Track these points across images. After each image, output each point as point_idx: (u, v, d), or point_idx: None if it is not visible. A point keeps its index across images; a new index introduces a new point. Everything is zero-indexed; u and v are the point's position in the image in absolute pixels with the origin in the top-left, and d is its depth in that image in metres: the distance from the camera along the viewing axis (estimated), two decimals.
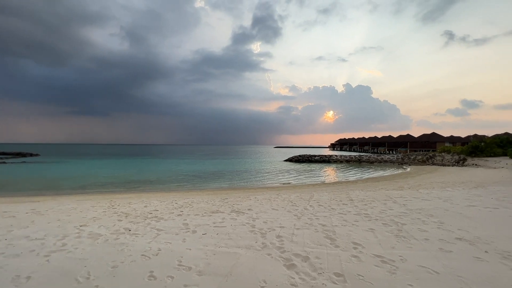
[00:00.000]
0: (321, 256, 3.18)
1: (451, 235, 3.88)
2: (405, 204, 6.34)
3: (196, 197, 9.15)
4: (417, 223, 4.60)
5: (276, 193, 9.76)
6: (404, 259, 3.05)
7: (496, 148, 32.69)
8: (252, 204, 6.92)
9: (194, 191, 12.95)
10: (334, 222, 4.77)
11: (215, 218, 5.22)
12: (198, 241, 3.84)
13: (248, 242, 3.72)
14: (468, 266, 2.87)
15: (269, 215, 5.45)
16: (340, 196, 8.05)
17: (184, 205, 6.99)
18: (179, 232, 4.30)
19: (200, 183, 16.49)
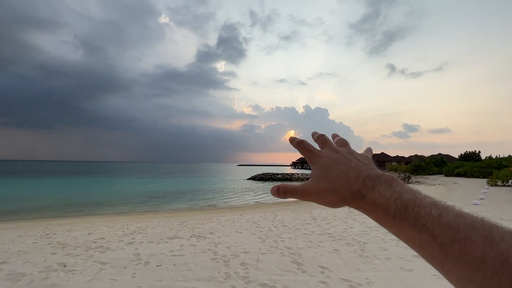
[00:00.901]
0: (288, 285, 2.98)
1: (409, 253, 4.02)
2: (364, 222, 6.56)
3: (152, 220, 8.31)
4: (377, 241, 4.72)
5: (240, 214, 9.40)
6: (370, 282, 3.01)
7: (433, 167, 37.25)
8: (214, 226, 6.48)
9: (150, 213, 11.84)
10: (299, 244, 4.64)
11: (173, 245, 4.70)
12: (151, 275, 3.33)
13: (209, 273, 3.34)
14: (428, 285, 2.93)
15: (232, 239, 5.10)
16: (303, 215, 8.06)
17: (137, 230, 6.24)
18: (129, 264, 3.72)
19: (157, 204, 15.23)
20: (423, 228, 0.22)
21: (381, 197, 0.26)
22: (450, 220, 0.21)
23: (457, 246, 0.19)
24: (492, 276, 0.17)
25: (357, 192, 0.28)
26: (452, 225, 0.20)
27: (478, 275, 0.18)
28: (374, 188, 0.27)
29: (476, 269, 0.18)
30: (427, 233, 0.22)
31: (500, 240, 0.18)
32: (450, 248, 0.20)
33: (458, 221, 0.21)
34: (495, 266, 0.17)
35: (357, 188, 0.29)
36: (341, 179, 0.30)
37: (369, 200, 0.27)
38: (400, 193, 0.26)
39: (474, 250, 0.18)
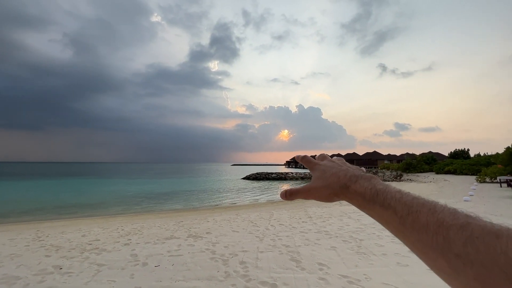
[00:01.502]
0: (288, 282, 3.00)
1: (404, 249, 4.10)
2: (359, 219, 6.65)
3: (147, 221, 8.23)
4: (373, 238, 4.80)
5: (235, 213, 9.39)
6: (368, 278, 3.06)
7: (424, 165, 37.96)
8: (211, 226, 6.47)
9: (145, 214, 11.71)
10: (297, 242, 4.68)
11: (170, 246, 4.67)
12: (150, 275, 3.31)
13: (209, 272, 3.34)
14: (424, 279, 3.00)
15: (230, 238, 5.11)
16: (299, 214, 8.11)
17: (133, 231, 6.17)
18: (126, 266, 3.68)
19: (152, 205, 15.07)
20: (389, 206, 0.30)
21: (361, 188, 0.35)
22: (407, 200, 0.29)
23: (410, 217, 0.27)
24: (433, 235, 0.23)
25: (344, 185, 0.38)
26: (408, 203, 0.28)
27: (424, 236, 0.24)
28: (356, 182, 0.36)
29: (423, 232, 0.25)
30: (391, 210, 0.29)
31: (439, 212, 0.25)
32: (406, 219, 0.27)
33: (413, 201, 0.28)
34: (434, 228, 0.24)
35: (344, 182, 0.38)
36: (332, 178, 0.40)
37: (352, 190, 0.36)
38: (375, 185, 0.34)
39: (421, 218, 0.26)
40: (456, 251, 0.21)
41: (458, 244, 0.21)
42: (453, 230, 0.22)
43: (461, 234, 0.21)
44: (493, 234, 0.20)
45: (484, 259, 0.20)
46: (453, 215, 0.24)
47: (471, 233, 0.21)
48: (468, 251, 0.20)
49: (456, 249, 0.21)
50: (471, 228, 0.21)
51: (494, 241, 0.20)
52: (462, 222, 0.22)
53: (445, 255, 0.22)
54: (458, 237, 0.21)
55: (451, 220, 0.23)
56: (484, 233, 0.20)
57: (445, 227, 0.23)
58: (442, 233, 0.23)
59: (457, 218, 0.23)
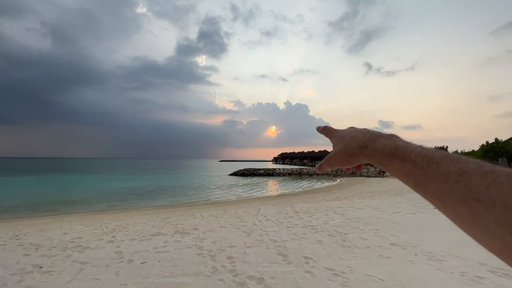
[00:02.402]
0: (275, 276, 3.05)
1: (386, 241, 4.27)
2: (344, 214, 6.84)
3: (132, 217, 8.07)
4: (357, 232, 4.95)
5: (223, 209, 9.39)
6: (352, 270, 3.17)
7: None
8: (198, 222, 6.44)
9: (130, 210, 11.47)
10: (284, 237, 4.75)
11: (156, 242, 4.61)
12: (136, 272, 3.26)
13: (196, 268, 3.34)
14: (405, 270, 3.14)
15: (217, 234, 5.11)
16: (286, 209, 8.22)
17: (117, 228, 6.04)
18: (111, 263, 3.60)
19: (137, 201, 14.78)
20: (409, 159, 0.29)
21: (380, 145, 0.35)
22: (428, 153, 0.28)
23: (431, 168, 0.26)
24: (454, 183, 0.23)
25: (363, 144, 0.37)
26: (429, 155, 0.27)
27: (444, 185, 0.24)
28: (376, 140, 0.36)
29: (444, 181, 0.24)
30: (410, 162, 0.29)
31: (463, 162, 0.24)
32: (427, 170, 0.26)
33: (435, 153, 0.28)
34: (456, 177, 0.23)
35: (364, 142, 0.38)
36: (352, 140, 0.40)
37: (371, 147, 0.36)
38: (395, 142, 0.34)
39: (442, 168, 0.25)
40: (477, 196, 0.20)
41: (481, 189, 0.20)
42: (476, 176, 0.21)
43: (485, 180, 0.21)
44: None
45: (508, 200, 0.19)
46: (478, 164, 0.23)
47: (495, 178, 0.20)
48: (491, 194, 0.20)
49: (478, 194, 0.20)
50: (496, 174, 0.21)
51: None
52: (487, 170, 0.22)
53: (466, 201, 0.21)
54: (481, 182, 0.21)
55: (475, 168, 0.22)
56: (510, 178, 0.19)
57: (467, 175, 0.22)
58: (464, 180, 0.22)
59: (482, 167, 0.22)
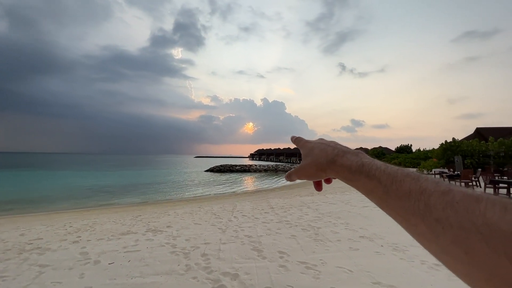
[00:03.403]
0: (250, 271, 3.06)
1: (356, 234, 4.49)
2: (317, 209, 7.06)
3: (100, 216, 7.63)
4: (329, 226, 5.14)
5: (198, 206, 9.23)
6: (324, 262, 3.28)
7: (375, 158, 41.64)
8: (172, 220, 6.26)
9: (98, 209, 10.84)
10: (259, 232, 4.79)
11: (126, 241, 4.40)
12: (103, 274, 3.08)
13: (169, 267, 3.24)
14: (372, 261, 3.32)
15: (191, 231, 5.01)
16: (261, 205, 8.30)
17: (83, 228, 5.67)
18: (75, 265, 3.37)
19: (106, 199, 14.00)
20: (374, 177, 0.31)
21: (348, 161, 0.36)
22: (391, 171, 0.30)
23: (394, 186, 0.28)
24: (415, 202, 0.24)
25: (331, 159, 0.38)
26: (393, 174, 0.29)
27: (407, 203, 0.25)
28: (344, 156, 0.37)
29: (406, 199, 0.25)
30: (376, 180, 0.30)
31: (423, 181, 0.26)
32: (390, 188, 0.28)
33: (398, 171, 0.29)
34: (416, 195, 0.25)
35: (332, 157, 0.38)
36: (321, 154, 0.41)
37: (339, 163, 0.37)
38: (361, 158, 0.35)
39: (404, 187, 0.26)
40: (436, 216, 0.22)
41: (439, 209, 0.22)
42: (435, 196, 0.23)
43: (442, 199, 0.22)
44: (473, 198, 0.21)
45: (463, 221, 0.20)
46: (436, 184, 0.25)
47: (452, 198, 0.22)
48: (448, 214, 0.21)
49: (437, 213, 0.22)
50: (452, 193, 0.22)
51: (473, 204, 0.20)
52: (444, 189, 0.23)
53: (426, 220, 0.22)
54: (439, 202, 0.22)
55: (433, 187, 0.24)
56: (464, 197, 0.21)
57: (427, 193, 0.24)
58: (423, 199, 0.23)
59: (440, 186, 0.24)
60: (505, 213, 0.18)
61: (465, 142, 20.65)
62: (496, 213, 0.18)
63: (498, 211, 0.18)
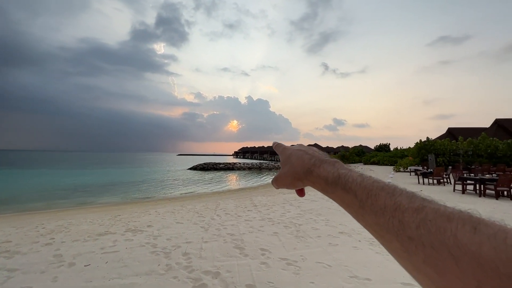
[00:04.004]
0: (231, 269, 3.08)
1: (336, 230, 4.63)
2: (299, 206, 7.20)
3: (76, 217, 7.31)
4: (310, 222, 5.26)
5: (180, 204, 9.09)
6: (304, 258, 3.36)
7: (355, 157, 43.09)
8: (153, 219, 6.13)
9: (74, 209, 10.36)
10: (241, 230, 4.81)
11: (104, 242, 4.26)
12: (78, 276, 2.97)
13: (148, 267, 3.18)
14: (350, 255, 3.45)
15: (173, 230, 4.93)
16: (245, 203, 8.33)
17: (57, 229, 5.41)
18: (47, 268, 3.22)
19: (83, 198, 13.41)
20: (350, 190, 0.30)
21: (324, 171, 0.35)
22: (367, 184, 0.29)
23: (370, 200, 0.27)
24: (389, 218, 0.24)
25: (308, 169, 0.37)
26: (368, 187, 0.28)
27: (381, 219, 0.25)
28: (320, 166, 0.36)
29: (381, 215, 0.25)
30: (352, 193, 0.29)
31: (397, 195, 0.26)
32: (366, 202, 0.27)
33: (373, 185, 0.28)
34: (391, 212, 0.24)
35: (309, 167, 0.37)
36: (298, 162, 0.40)
37: (315, 174, 0.36)
38: (338, 169, 0.34)
39: (379, 201, 0.26)
40: (409, 234, 0.21)
41: (412, 227, 0.21)
42: (408, 213, 0.23)
43: (416, 217, 0.22)
44: (445, 216, 0.21)
45: (435, 240, 0.20)
46: (410, 199, 0.24)
47: (425, 215, 0.21)
48: (420, 233, 0.21)
49: (410, 231, 0.21)
50: (425, 211, 0.22)
51: (445, 223, 0.20)
52: (417, 206, 0.23)
53: (399, 237, 0.22)
54: (413, 219, 0.22)
55: (407, 203, 0.24)
56: (436, 216, 0.21)
57: (401, 210, 0.23)
58: (397, 216, 0.23)
59: (413, 202, 0.24)
60: (474, 234, 0.18)
61: (438, 141, 21.85)
62: (466, 234, 0.18)
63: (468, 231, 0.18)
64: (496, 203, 7.38)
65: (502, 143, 19.36)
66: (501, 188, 8.09)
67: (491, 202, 7.62)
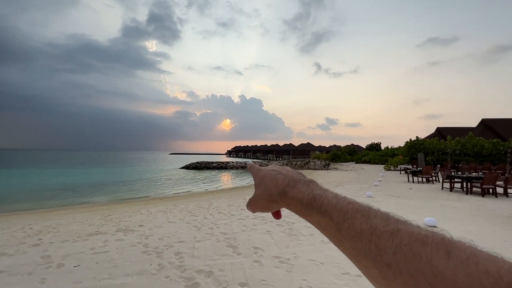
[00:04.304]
0: (224, 268, 3.07)
1: None
2: None
3: (65, 217, 7.15)
4: (303, 221, 5.24)
5: (173, 204, 9.02)
6: (297, 256, 3.39)
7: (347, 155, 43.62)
8: (144, 219, 6.06)
9: (63, 209, 10.13)
10: (234, 229, 4.80)
11: (94, 242, 4.19)
12: (67, 277, 2.91)
13: (140, 267, 3.14)
14: (342, 253, 3.49)
15: (165, 230, 4.89)
16: (238, 202, 8.32)
17: (45, 229, 5.28)
18: (35, 270, 3.14)
19: (72, 198, 13.13)
20: (325, 213, 0.29)
21: (299, 193, 0.34)
22: (343, 206, 0.28)
23: (346, 224, 0.26)
24: (366, 243, 0.24)
25: (282, 190, 0.36)
26: (344, 209, 0.28)
27: (358, 243, 0.24)
28: (294, 187, 0.35)
29: (358, 239, 0.25)
30: (328, 216, 0.29)
31: (372, 218, 0.25)
32: (342, 225, 0.27)
33: (348, 207, 0.28)
34: (367, 236, 0.24)
35: (283, 187, 0.36)
36: (272, 183, 0.38)
37: (290, 195, 0.35)
38: (312, 190, 0.34)
39: (355, 225, 0.25)
40: (387, 260, 0.21)
41: (389, 253, 0.21)
42: (384, 237, 0.22)
43: (392, 242, 0.22)
44: (419, 241, 0.20)
45: (411, 268, 0.19)
46: (385, 221, 0.24)
47: (400, 240, 0.21)
48: (397, 259, 0.20)
49: (387, 258, 0.21)
50: (400, 235, 0.22)
51: (420, 248, 0.20)
52: (392, 229, 0.23)
53: (377, 263, 0.22)
54: (389, 245, 0.22)
55: (382, 226, 0.23)
56: (411, 240, 0.21)
57: (377, 234, 0.23)
58: (374, 241, 0.23)
59: (388, 225, 0.23)
60: (449, 259, 0.18)
61: (427, 140, 22.35)
62: (440, 260, 0.18)
63: (442, 256, 0.19)
64: (482, 201, 7.60)
65: (488, 143, 19.96)
66: (486, 186, 8.34)
67: (477, 199, 7.85)
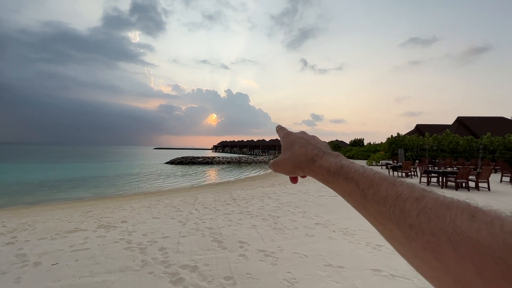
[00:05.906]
0: (210, 262, 3.07)
1: (312, 222, 4.78)
2: (277, 199, 7.33)
3: (42, 213, 6.84)
4: (288, 215, 5.39)
5: (157, 199, 8.85)
6: (282, 249, 3.45)
7: None
8: (127, 214, 5.91)
9: (40, 205, 9.67)
10: (220, 224, 4.80)
11: (74, 239, 4.04)
12: (44, 276, 2.80)
13: (122, 263, 3.07)
14: (325, 245, 3.59)
15: (149, 226, 4.80)
16: (223, 197, 8.31)
17: (20, 227, 5.03)
18: (9, 269, 3.00)
19: (49, 194, 12.55)
20: (352, 180, 0.31)
21: (327, 162, 0.36)
22: (369, 175, 0.30)
23: (371, 190, 0.28)
24: (391, 207, 0.25)
25: (311, 158, 0.38)
26: (371, 177, 0.29)
27: (383, 208, 0.26)
28: (323, 157, 0.37)
29: (383, 204, 0.26)
30: (354, 183, 0.30)
31: (398, 185, 0.26)
32: (368, 192, 0.28)
33: (375, 175, 0.29)
34: (392, 201, 0.25)
35: (312, 156, 0.38)
36: (301, 150, 0.40)
37: (318, 164, 0.36)
38: (340, 160, 0.35)
39: (381, 191, 0.27)
40: (410, 222, 0.22)
41: (413, 215, 0.22)
42: (409, 202, 0.24)
43: (416, 206, 0.23)
44: (445, 205, 0.21)
45: (434, 227, 0.21)
46: (411, 189, 0.25)
47: (425, 204, 0.22)
48: (421, 221, 0.22)
49: (411, 219, 0.22)
50: (425, 200, 0.23)
51: (445, 211, 0.21)
52: (418, 195, 0.24)
53: (400, 225, 0.23)
54: (413, 208, 0.23)
55: (408, 193, 0.25)
56: (436, 205, 0.22)
57: (402, 199, 0.24)
58: (399, 205, 0.24)
59: (414, 192, 0.25)
60: (473, 222, 0.19)
61: (407, 137, 23.25)
62: (464, 221, 0.19)
63: (466, 219, 0.19)
64: (456, 194, 8.02)
65: (462, 139, 21.08)
66: (460, 180, 8.83)
67: (451, 193, 8.29)
